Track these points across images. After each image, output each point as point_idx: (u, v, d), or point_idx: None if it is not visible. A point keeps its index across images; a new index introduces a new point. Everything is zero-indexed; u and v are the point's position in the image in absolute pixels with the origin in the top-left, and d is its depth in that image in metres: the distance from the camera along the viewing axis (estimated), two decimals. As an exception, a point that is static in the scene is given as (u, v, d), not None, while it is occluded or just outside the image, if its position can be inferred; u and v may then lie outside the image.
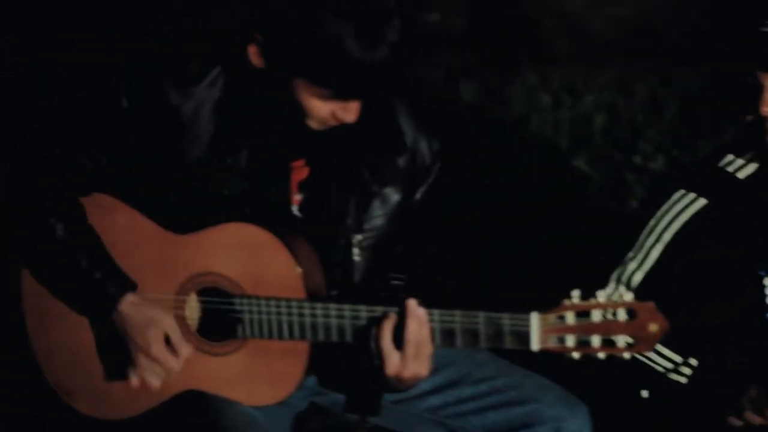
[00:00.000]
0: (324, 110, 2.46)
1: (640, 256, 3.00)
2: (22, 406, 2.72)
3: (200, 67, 2.60)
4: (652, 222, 3.00)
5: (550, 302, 2.50)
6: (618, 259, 3.04)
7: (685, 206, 2.95)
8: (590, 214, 4.65)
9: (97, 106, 2.61)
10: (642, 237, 3.00)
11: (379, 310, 2.52)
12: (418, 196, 2.73)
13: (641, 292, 2.91)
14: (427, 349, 2.49)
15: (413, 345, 2.47)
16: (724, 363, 2.90)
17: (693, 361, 2.94)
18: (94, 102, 2.62)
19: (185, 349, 2.55)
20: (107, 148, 2.59)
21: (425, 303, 2.52)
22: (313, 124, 2.49)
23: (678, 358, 2.95)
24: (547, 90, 5.82)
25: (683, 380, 2.95)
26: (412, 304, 2.48)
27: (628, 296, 2.49)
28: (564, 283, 2.56)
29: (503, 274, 4.11)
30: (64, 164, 2.60)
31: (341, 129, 2.52)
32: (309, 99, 2.43)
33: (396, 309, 2.50)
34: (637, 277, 2.99)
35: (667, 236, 2.96)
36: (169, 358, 2.54)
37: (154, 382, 2.56)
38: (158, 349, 2.54)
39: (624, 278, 2.99)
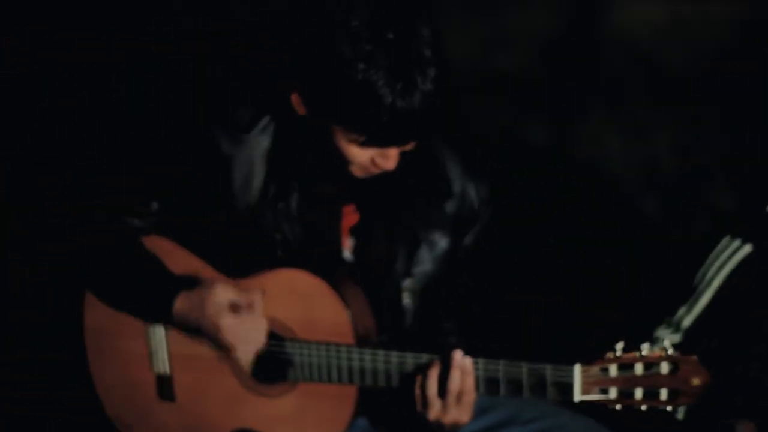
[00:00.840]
0: (363, 157, 2.52)
1: (690, 301, 3.03)
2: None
3: (251, 115, 2.68)
4: (703, 267, 3.03)
5: (595, 353, 2.55)
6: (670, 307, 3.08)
7: (732, 253, 2.97)
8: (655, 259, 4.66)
9: (154, 156, 2.70)
10: (695, 282, 3.04)
11: (425, 357, 2.58)
12: (466, 241, 2.79)
13: (690, 336, 2.94)
14: (469, 397, 2.54)
15: (454, 394, 2.53)
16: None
17: None
18: (151, 153, 2.72)
19: (256, 298, 2.58)
20: (161, 195, 2.69)
21: (472, 351, 2.58)
22: (355, 170, 2.55)
23: None
24: (617, 132, 5.84)
25: (680, 416, 2.97)
26: (457, 355, 2.54)
27: (671, 350, 2.53)
28: (619, 331, 2.60)
29: (556, 322, 4.15)
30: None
31: (389, 175, 2.58)
32: (348, 146, 2.50)
33: (441, 357, 2.56)
34: (687, 322, 3.02)
35: (716, 283, 2.99)
36: (248, 316, 2.58)
37: (243, 345, 2.58)
38: (229, 314, 2.58)
39: (674, 321, 3.02)
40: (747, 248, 2.96)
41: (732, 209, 4.76)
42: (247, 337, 2.56)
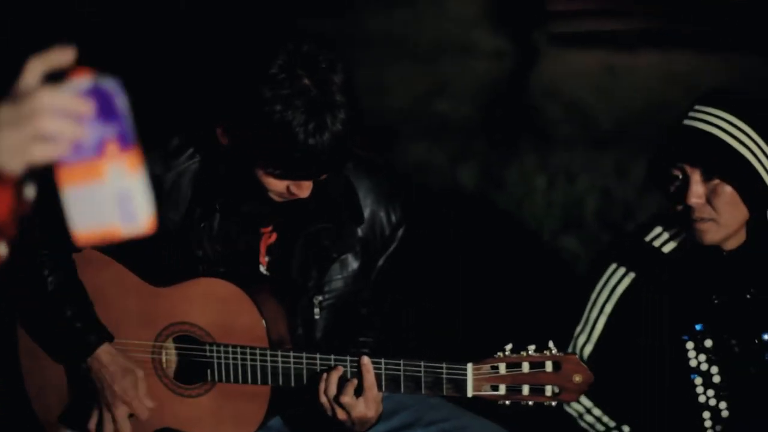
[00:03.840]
0: (280, 186, 2.75)
1: (587, 329, 3.18)
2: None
3: (180, 142, 2.92)
4: (593, 295, 3.18)
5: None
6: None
7: (619, 280, 3.13)
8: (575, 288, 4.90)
9: None
10: (587, 310, 3.18)
11: (333, 358, 2.82)
12: (380, 262, 3.03)
13: (594, 362, 3.09)
14: (372, 393, 2.78)
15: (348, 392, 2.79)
16: (656, 427, 3.12)
17: (625, 428, 3.15)
18: None
19: (149, 402, 2.88)
20: None
21: (380, 352, 2.83)
22: (273, 196, 2.79)
23: (612, 423, 3.17)
24: (543, 173, 6.10)
25: None
26: (364, 360, 2.79)
27: (555, 350, 2.76)
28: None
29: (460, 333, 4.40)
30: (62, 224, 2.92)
31: (305, 200, 2.82)
32: (265, 176, 2.73)
33: (344, 358, 2.80)
34: (588, 350, 3.18)
35: (609, 308, 3.15)
36: (140, 405, 2.86)
37: (125, 426, 2.87)
38: (133, 394, 2.85)
39: (577, 352, 3.16)
40: (632, 275, 3.13)
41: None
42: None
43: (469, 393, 2.77)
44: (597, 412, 3.17)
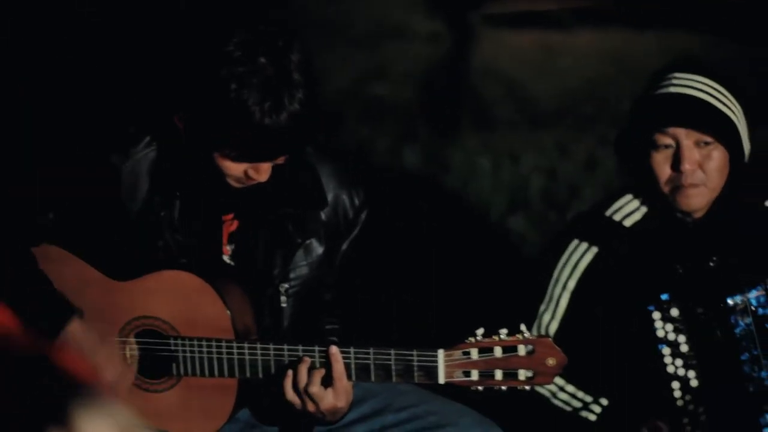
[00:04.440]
0: (237, 170, 2.70)
1: (551, 306, 3.20)
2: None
3: (137, 130, 2.86)
4: (555, 273, 3.20)
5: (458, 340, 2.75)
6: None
7: (581, 255, 3.16)
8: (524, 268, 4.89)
9: (48, 167, 2.86)
10: (550, 288, 3.20)
11: (300, 349, 2.77)
12: (344, 247, 2.98)
13: (559, 339, 3.12)
14: (341, 383, 2.73)
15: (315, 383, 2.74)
16: (627, 399, 3.12)
17: (603, 401, 3.17)
18: (46, 165, 2.88)
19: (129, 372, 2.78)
20: (55, 205, 2.84)
21: (348, 341, 2.78)
22: (231, 181, 2.74)
23: (588, 398, 3.19)
24: (487, 155, 6.08)
25: (592, 417, 3.18)
26: (332, 349, 2.73)
27: (527, 333, 2.74)
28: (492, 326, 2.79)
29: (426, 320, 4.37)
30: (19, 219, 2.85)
31: (266, 185, 2.77)
32: (222, 160, 2.68)
33: (313, 349, 2.75)
34: (553, 327, 3.20)
35: (572, 284, 3.17)
36: (123, 375, 2.76)
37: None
38: (112, 365, 2.75)
39: (542, 330, 3.20)
40: (594, 250, 3.16)
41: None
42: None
43: (441, 380, 2.73)
44: (570, 388, 3.18)
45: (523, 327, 2.73)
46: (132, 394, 2.82)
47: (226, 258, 2.89)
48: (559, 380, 3.14)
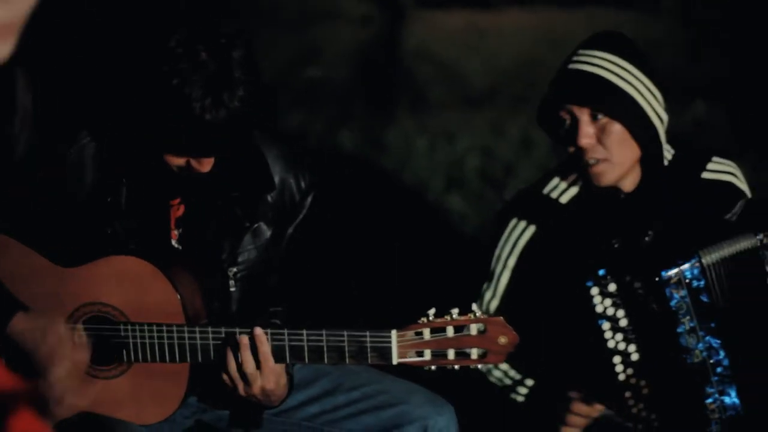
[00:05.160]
0: (179, 161, 2.71)
1: (492, 284, 3.23)
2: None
3: (82, 118, 2.84)
4: (497, 251, 3.23)
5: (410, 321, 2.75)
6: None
7: (520, 234, 3.20)
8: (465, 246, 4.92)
9: None
10: (492, 266, 3.24)
11: (222, 331, 2.75)
12: (290, 230, 2.97)
13: (500, 316, 3.14)
14: (267, 365, 2.72)
15: (249, 365, 2.73)
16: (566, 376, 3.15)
17: (529, 382, 3.20)
18: None
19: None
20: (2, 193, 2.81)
21: (298, 325, 2.78)
22: (175, 170, 2.74)
23: (517, 376, 3.21)
24: (423, 135, 6.11)
25: (520, 399, 3.21)
26: (257, 331, 2.72)
27: (479, 312, 2.74)
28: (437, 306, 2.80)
29: (381, 303, 4.38)
30: None
31: (213, 170, 2.75)
32: (164, 153, 2.70)
33: (246, 331, 2.73)
34: (494, 304, 3.23)
35: (512, 262, 3.21)
36: (76, 357, 2.70)
37: (68, 382, 2.70)
38: (63, 350, 2.69)
39: (484, 308, 3.22)
40: (532, 228, 3.20)
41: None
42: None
43: (395, 360, 2.73)
44: (504, 366, 3.21)
45: (474, 306, 2.74)
46: (83, 382, 2.79)
47: (174, 243, 2.87)
48: None
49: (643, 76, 3.05)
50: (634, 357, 3.02)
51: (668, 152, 3.20)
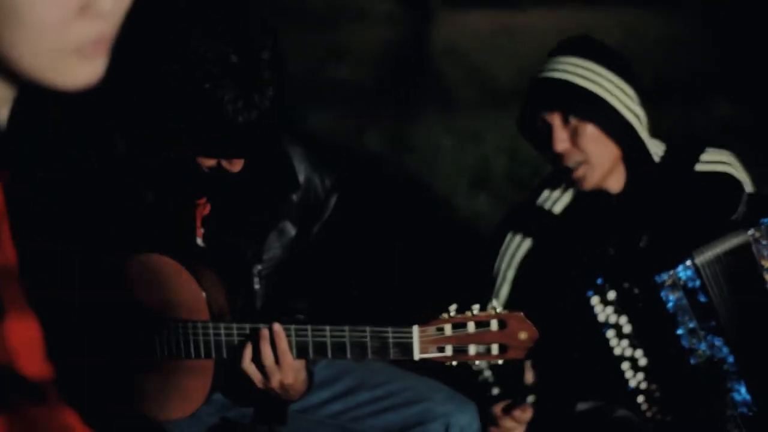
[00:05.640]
0: (210, 162, 2.75)
1: (495, 297, 3.24)
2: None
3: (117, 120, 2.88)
4: (497, 264, 3.25)
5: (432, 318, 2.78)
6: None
7: (517, 247, 3.21)
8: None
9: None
10: (495, 278, 3.25)
11: (261, 327, 2.79)
12: (315, 229, 3.01)
13: None
14: (285, 359, 2.76)
15: (269, 359, 2.77)
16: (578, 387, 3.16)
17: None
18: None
19: None
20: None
21: (327, 322, 2.81)
22: (206, 171, 2.77)
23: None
24: (449, 136, 6.13)
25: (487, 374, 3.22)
26: (275, 327, 2.76)
27: (500, 308, 2.78)
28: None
29: (405, 301, 4.41)
30: None
31: (241, 170, 2.80)
32: (197, 154, 2.73)
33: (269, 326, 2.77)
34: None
35: (510, 275, 3.22)
36: None
37: None
38: None
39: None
40: (528, 241, 3.20)
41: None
42: None
43: (416, 356, 2.76)
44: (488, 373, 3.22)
45: (494, 302, 2.77)
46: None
47: (199, 241, 2.91)
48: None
49: (611, 74, 3.04)
50: (642, 362, 3.02)
51: (658, 148, 3.19)
